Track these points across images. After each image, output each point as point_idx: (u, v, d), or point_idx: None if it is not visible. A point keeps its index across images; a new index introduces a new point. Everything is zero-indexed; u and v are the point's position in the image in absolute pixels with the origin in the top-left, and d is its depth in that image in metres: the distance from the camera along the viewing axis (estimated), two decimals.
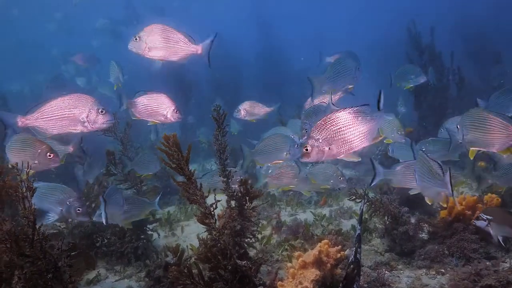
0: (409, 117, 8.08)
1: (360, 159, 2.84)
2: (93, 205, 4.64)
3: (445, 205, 3.53)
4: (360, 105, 2.67)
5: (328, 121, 2.63)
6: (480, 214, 3.64)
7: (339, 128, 2.63)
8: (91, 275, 4.09)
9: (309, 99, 4.71)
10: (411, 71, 5.90)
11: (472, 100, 5.27)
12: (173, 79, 12.02)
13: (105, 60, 8.82)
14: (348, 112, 2.63)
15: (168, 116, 3.47)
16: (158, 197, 4.07)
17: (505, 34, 13.56)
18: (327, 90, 4.32)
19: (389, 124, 4.47)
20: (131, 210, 3.87)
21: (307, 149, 2.66)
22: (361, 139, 2.69)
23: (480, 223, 3.59)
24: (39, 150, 3.17)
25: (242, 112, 5.51)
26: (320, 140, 2.64)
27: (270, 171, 4.36)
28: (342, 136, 2.64)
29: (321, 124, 2.65)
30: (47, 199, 3.44)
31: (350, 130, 2.64)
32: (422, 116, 7.91)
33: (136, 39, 3.68)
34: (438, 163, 3.20)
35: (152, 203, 4.02)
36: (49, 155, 3.19)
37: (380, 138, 2.83)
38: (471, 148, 3.51)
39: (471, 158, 3.59)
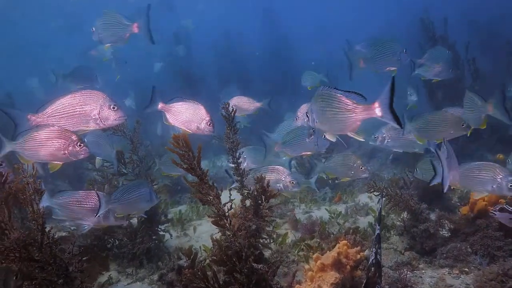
0: (422, 108, 7.90)
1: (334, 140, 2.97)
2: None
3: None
4: (347, 91, 2.57)
5: (318, 95, 2.66)
6: (505, 206, 3.47)
7: (322, 106, 2.65)
8: (103, 278, 4.00)
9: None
10: (441, 55, 5.28)
11: (486, 90, 5.10)
12: (180, 75, 11.95)
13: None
14: (332, 93, 2.58)
15: (201, 127, 3.37)
16: None
17: None
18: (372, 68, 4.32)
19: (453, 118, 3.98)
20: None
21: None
22: (337, 125, 2.64)
23: (504, 215, 3.41)
24: (69, 141, 2.94)
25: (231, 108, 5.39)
26: (312, 112, 2.78)
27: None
28: (323, 114, 2.66)
29: (314, 97, 2.74)
30: (82, 207, 3.33)
31: (328, 111, 2.61)
32: (436, 108, 7.71)
33: (92, 30, 3.85)
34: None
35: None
36: (80, 145, 2.97)
37: (360, 138, 2.71)
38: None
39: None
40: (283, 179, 3.74)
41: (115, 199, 3.39)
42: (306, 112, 2.90)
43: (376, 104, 2.39)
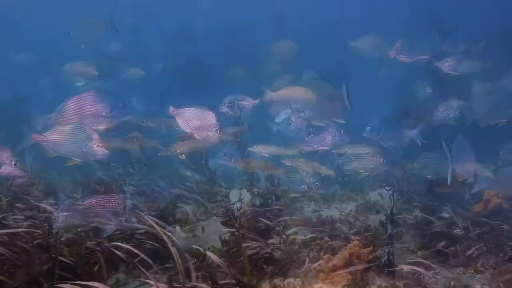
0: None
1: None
2: None
3: None
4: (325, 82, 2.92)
5: (308, 86, 3.01)
6: None
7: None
8: (111, 280, 3.95)
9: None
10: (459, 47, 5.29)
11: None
12: (184, 73, 11.92)
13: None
14: (320, 82, 2.91)
15: (210, 134, 3.33)
16: None
17: None
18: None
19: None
20: None
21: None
22: (325, 110, 3.05)
23: None
24: (88, 140, 2.94)
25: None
26: (295, 102, 3.08)
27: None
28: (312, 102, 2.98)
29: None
30: (107, 210, 3.30)
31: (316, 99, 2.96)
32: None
33: (71, 34, 4.18)
34: None
35: None
36: (98, 145, 2.97)
37: (341, 120, 3.15)
38: None
39: None
40: (308, 180, 3.67)
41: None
42: (291, 104, 3.10)
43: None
